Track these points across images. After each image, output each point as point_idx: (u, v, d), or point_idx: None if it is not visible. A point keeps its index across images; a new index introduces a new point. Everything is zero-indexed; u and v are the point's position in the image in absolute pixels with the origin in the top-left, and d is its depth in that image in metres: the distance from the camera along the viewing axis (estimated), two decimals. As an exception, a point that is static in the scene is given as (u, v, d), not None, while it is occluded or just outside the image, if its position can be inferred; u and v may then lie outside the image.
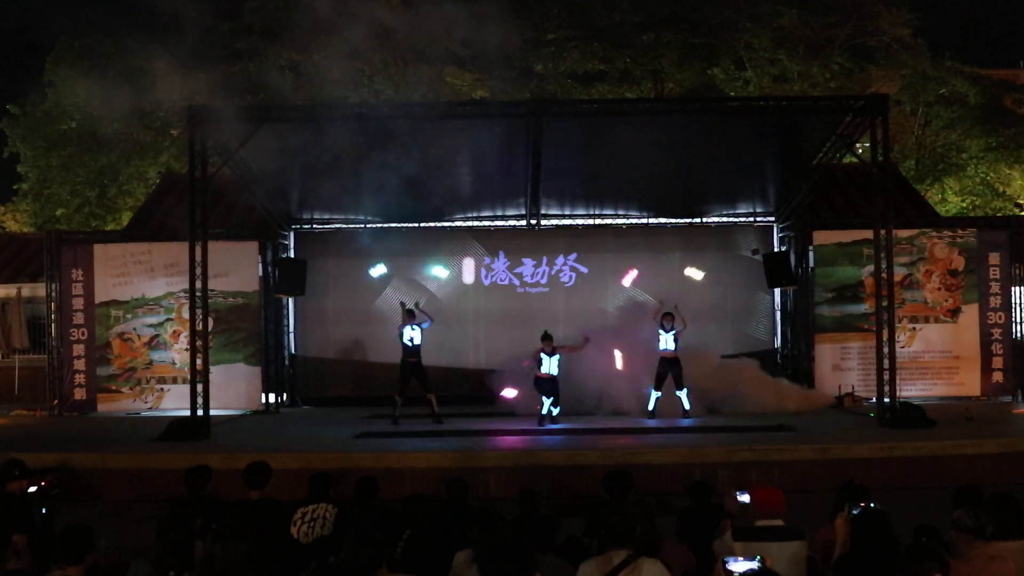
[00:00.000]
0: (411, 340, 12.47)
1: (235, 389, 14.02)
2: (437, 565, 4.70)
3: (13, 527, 5.12)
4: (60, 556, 4.08)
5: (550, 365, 11.95)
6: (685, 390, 12.56)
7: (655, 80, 25.39)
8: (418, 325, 12.50)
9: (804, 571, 4.67)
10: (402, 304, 12.82)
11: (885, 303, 11.48)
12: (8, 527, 5.07)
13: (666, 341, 12.60)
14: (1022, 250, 14.45)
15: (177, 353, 14.06)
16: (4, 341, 15.73)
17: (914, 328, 14.22)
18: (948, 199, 24.94)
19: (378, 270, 14.36)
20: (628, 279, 14.47)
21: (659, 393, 12.61)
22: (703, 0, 24.30)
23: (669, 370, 12.57)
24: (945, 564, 3.58)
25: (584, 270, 15.28)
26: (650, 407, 12.58)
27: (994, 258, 14.39)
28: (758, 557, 3.72)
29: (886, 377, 11.28)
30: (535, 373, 12.00)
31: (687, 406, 12.50)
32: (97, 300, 14.27)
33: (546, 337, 12.04)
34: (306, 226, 15.41)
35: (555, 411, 11.96)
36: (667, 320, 12.62)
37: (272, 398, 14.53)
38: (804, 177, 14.13)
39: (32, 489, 6.01)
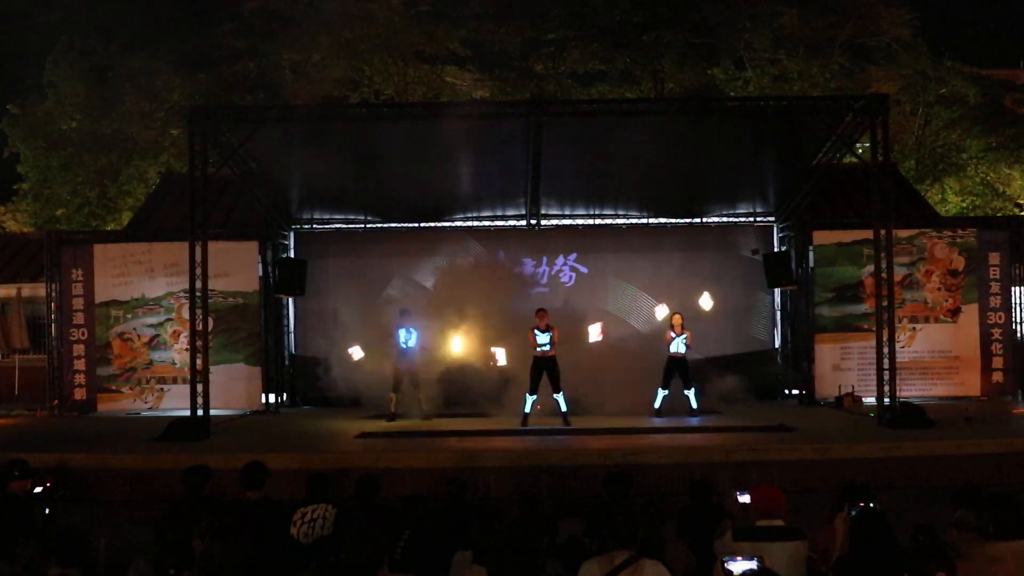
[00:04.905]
0: (405, 342, 12.55)
1: (235, 389, 14.02)
2: (437, 565, 4.71)
3: (16, 527, 5.12)
4: (59, 558, 4.09)
5: (543, 340, 11.88)
6: (693, 389, 12.60)
7: (655, 80, 25.38)
8: (412, 328, 12.55)
9: (804, 571, 4.67)
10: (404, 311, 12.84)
11: (885, 303, 11.48)
12: (11, 527, 5.07)
13: (677, 345, 12.66)
14: (1022, 250, 14.45)
15: (177, 353, 14.06)
16: (4, 341, 15.72)
17: (914, 328, 14.22)
18: (948, 199, 24.93)
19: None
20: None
21: (666, 391, 12.66)
22: (703, 0, 24.31)
23: (676, 369, 12.62)
24: (952, 564, 3.58)
25: (584, 270, 15.28)
26: (656, 405, 12.62)
27: (994, 258, 14.39)
28: (757, 557, 3.73)
29: (886, 377, 11.28)
30: (533, 353, 11.95)
31: (695, 404, 12.54)
32: (97, 300, 14.27)
33: (539, 311, 11.98)
34: (306, 226, 15.41)
35: (559, 398, 11.85)
36: (676, 322, 12.68)
37: (272, 398, 14.53)
38: (804, 177, 14.13)
39: (38, 490, 6.01)
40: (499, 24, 24.79)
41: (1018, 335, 14.46)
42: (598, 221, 15.44)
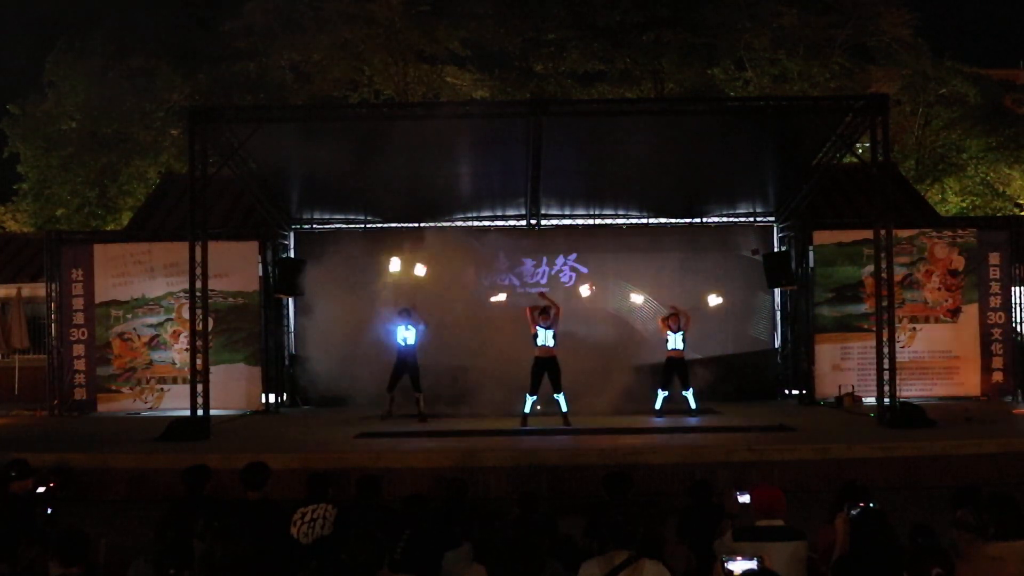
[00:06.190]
0: (404, 340, 12.55)
1: (235, 389, 14.01)
2: (437, 565, 4.71)
3: (17, 528, 5.13)
4: (61, 557, 4.10)
5: (546, 338, 11.92)
6: (691, 389, 12.62)
7: (655, 80, 25.39)
8: (413, 325, 12.55)
9: (804, 571, 4.67)
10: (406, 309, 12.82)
11: (885, 303, 11.48)
12: (12, 528, 5.08)
13: (675, 341, 12.67)
14: (1022, 250, 14.45)
15: (177, 353, 14.06)
16: (4, 341, 15.72)
17: (914, 328, 14.22)
18: (948, 199, 24.95)
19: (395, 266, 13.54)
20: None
21: (666, 392, 12.68)
22: (703, 0, 24.32)
23: (675, 369, 12.64)
24: (949, 563, 3.59)
25: (584, 270, 15.27)
26: (657, 405, 12.63)
27: (994, 258, 14.38)
28: (757, 557, 3.73)
29: (886, 377, 11.28)
30: (534, 353, 11.96)
31: (693, 404, 12.56)
32: (97, 300, 14.27)
33: (544, 312, 12.00)
34: (306, 226, 15.42)
35: (560, 398, 11.87)
36: (673, 320, 12.70)
37: (272, 398, 14.52)
38: (804, 177, 14.14)
39: (40, 490, 6.01)
40: (499, 24, 24.80)
41: (1018, 335, 14.46)
42: (598, 221, 15.44)
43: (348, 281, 14.91)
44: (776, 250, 15.13)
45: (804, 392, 14.43)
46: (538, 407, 12.11)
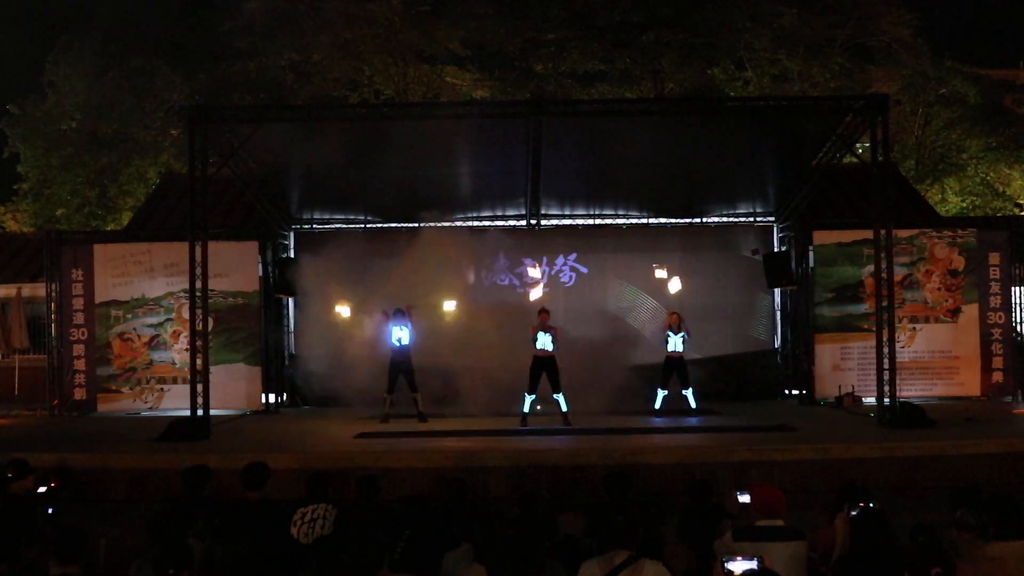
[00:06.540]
0: (399, 340, 12.53)
1: (235, 389, 14.01)
2: (436, 566, 4.71)
3: (18, 528, 5.13)
4: (59, 556, 4.10)
5: (544, 341, 11.94)
6: (691, 388, 12.64)
7: (655, 80, 25.40)
8: (407, 325, 12.54)
9: (804, 571, 4.67)
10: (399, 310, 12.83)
11: (885, 303, 11.48)
12: (13, 528, 5.08)
13: (675, 343, 12.71)
14: (1022, 250, 14.45)
15: (177, 353, 14.06)
16: (4, 341, 15.72)
17: (914, 328, 14.22)
18: (948, 199, 24.95)
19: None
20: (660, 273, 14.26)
21: (665, 391, 12.70)
22: (703, 0, 24.32)
23: (675, 369, 12.66)
24: (949, 562, 3.59)
25: (584, 270, 15.28)
26: (657, 405, 12.66)
27: (994, 258, 14.38)
28: (757, 557, 3.73)
29: (886, 377, 11.28)
30: (532, 353, 11.99)
31: (693, 404, 12.59)
32: (97, 300, 14.27)
33: (542, 312, 12.05)
34: (306, 226, 15.41)
35: (560, 398, 11.90)
36: (674, 321, 12.72)
37: (272, 398, 14.53)
38: (804, 177, 14.14)
39: (42, 489, 6.02)
40: (499, 24, 24.81)
41: (1018, 335, 14.46)
42: (598, 221, 15.44)
43: (348, 281, 14.89)
44: (776, 250, 15.14)
45: (804, 392, 14.43)
46: (538, 407, 12.12)
